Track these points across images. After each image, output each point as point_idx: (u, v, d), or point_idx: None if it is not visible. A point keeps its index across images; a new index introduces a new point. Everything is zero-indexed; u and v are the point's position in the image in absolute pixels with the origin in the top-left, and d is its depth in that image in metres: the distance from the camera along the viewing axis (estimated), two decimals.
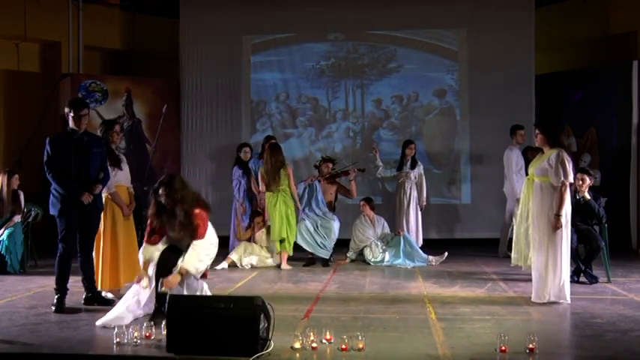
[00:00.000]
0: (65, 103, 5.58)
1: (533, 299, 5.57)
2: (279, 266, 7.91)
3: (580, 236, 6.59)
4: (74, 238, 5.45)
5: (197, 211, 4.81)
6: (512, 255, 5.86)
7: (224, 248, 8.57)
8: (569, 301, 5.47)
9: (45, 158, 5.38)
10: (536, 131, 5.74)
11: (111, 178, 5.72)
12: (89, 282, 5.56)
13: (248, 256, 7.97)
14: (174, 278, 4.70)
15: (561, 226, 5.40)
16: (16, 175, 7.94)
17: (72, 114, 5.38)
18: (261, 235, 8.25)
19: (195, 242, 4.79)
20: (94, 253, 5.69)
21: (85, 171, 5.39)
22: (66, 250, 5.40)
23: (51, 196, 5.41)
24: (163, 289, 4.63)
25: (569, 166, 5.45)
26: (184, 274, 4.76)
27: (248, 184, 8.62)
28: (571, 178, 5.50)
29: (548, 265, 5.45)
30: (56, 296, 5.33)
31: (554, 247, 5.44)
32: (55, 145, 5.36)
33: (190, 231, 4.78)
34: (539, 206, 5.51)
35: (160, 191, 4.75)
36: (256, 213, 8.39)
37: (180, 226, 4.76)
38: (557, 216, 5.39)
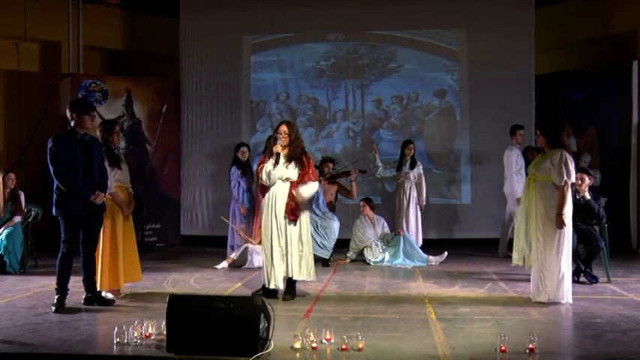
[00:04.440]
0: (70, 104, 5.51)
1: (533, 299, 5.57)
2: None
3: (580, 236, 6.58)
4: (77, 240, 5.44)
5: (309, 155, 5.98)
6: (513, 255, 5.87)
7: (223, 248, 8.61)
8: (570, 301, 5.48)
9: (50, 158, 5.30)
10: (538, 132, 5.78)
11: (110, 177, 5.71)
12: (90, 282, 5.55)
13: (252, 255, 7.89)
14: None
15: (565, 225, 5.42)
16: (12, 175, 7.91)
17: (85, 115, 5.38)
18: None
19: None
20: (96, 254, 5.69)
21: (90, 171, 5.40)
22: (68, 251, 5.38)
23: (55, 196, 5.37)
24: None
25: (572, 166, 5.48)
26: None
27: (247, 185, 8.60)
28: (573, 178, 5.54)
29: (550, 265, 5.46)
30: (56, 296, 5.32)
31: (556, 247, 5.45)
32: (61, 144, 5.32)
33: (300, 166, 5.77)
34: (541, 206, 5.52)
35: (281, 127, 5.84)
36: None
37: (291, 157, 5.79)
38: (559, 215, 5.41)
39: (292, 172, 5.80)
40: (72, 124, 5.42)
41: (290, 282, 5.86)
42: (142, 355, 4.02)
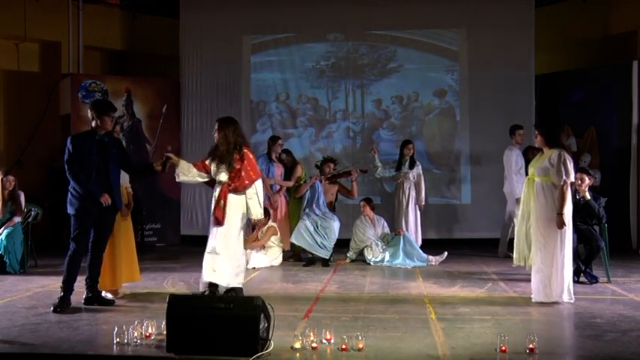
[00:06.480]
0: (91, 105, 5.59)
1: (534, 299, 5.57)
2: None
3: (580, 236, 6.58)
4: (86, 238, 5.45)
5: (245, 150, 5.65)
6: (514, 255, 5.87)
7: None
8: (572, 301, 5.48)
9: (66, 157, 5.37)
10: (536, 132, 5.77)
11: None
12: (93, 282, 5.55)
13: (250, 256, 7.86)
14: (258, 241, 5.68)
15: (565, 225, 5.42)
16: (10, 177, 7.86)
17: (105, 116, 5.42)
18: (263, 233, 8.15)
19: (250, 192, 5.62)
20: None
21: (105, 172, 5.41)
22: (77, 250, 5.39)
23: (69, 195, 5.41)
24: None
25: (571, 166, 5.48)
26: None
27: None
28: (572, 178, 5.54)
29: (550, 265, 5.46)
30: (60, 294, 5.32)
31: (557, 247, 5.45)
32: (77, 144, 5.37)
33: (228, 166, 5.57)
34: (541, 206, 5.52)
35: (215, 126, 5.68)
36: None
37: (223, 159, 5.62)
38: (559, 215, 5.41)
39: (222, 174, 5.67)
40: (92, 124, 5.46)
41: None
42: (142, 355, 4.02)
